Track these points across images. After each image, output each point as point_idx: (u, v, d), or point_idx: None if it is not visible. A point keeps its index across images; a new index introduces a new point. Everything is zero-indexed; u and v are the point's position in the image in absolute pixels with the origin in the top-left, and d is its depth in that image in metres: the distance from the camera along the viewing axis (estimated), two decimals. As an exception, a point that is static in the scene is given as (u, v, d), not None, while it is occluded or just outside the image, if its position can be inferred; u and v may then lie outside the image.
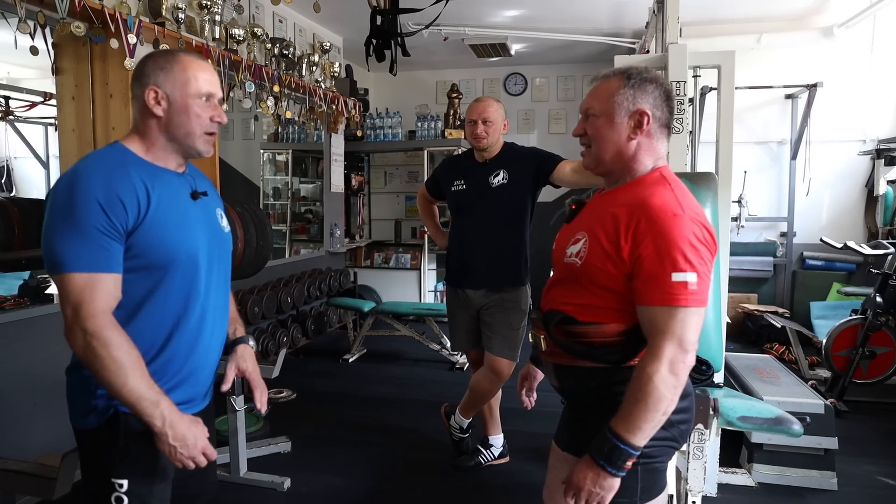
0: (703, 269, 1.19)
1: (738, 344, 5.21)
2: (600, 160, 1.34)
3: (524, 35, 5.60)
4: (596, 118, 1.32)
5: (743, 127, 5.61)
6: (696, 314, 1.17)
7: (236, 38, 3.83)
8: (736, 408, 1.57)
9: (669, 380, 1.16)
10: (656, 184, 1.28)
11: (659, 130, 1.32)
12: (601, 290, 1.28)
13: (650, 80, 1.31)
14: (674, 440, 1.31)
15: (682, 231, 1.18)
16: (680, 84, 2.33)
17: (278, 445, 3.13)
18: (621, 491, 1.26)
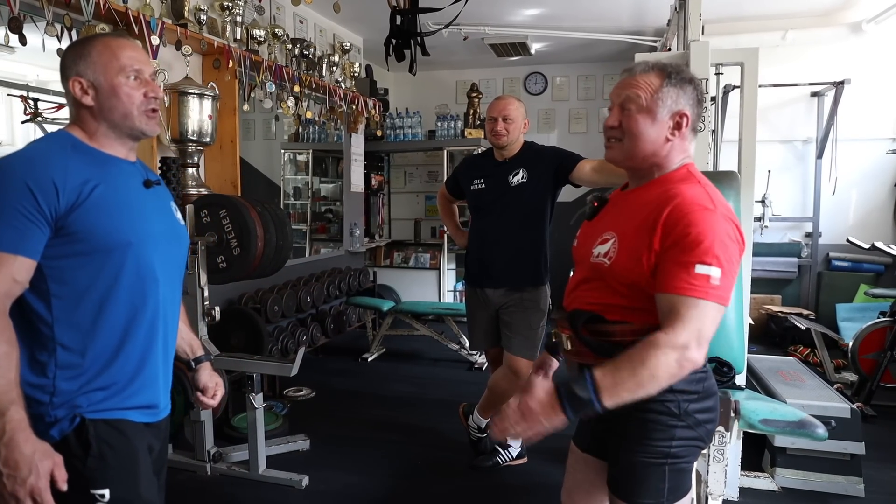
0: (729, 266, 1.16)
1: (761, 346, 5.13)
2: (633, 156, 1.31)
3: (544, 34, 5.57)
4: (636, 112, 1.28)
5: (767, 125, 5.52)
6: (715, 310, 1.15)
7: (257, 39, 3.87)
8: (758, 410, 1.55)
9: (673, 368, 1.13)
10: (685, 180, 1.27)
11: (692, 132, 1.32)
12: (630, 290, 1.26)
13: (689, 81, 1.30)
14: (700, 440, 1.29)
15: (713, 226, 1.16)
16: (702, 82, 2.29)
17: (297, 443, 3.15)
18: (648, 492, 1.25)
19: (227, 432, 3.30)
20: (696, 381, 1.27)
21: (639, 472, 1.27)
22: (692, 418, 1.24)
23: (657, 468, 1.25)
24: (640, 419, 1.27)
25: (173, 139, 3.27)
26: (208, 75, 3.65)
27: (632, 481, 1.29)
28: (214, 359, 2.78)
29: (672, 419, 1.25)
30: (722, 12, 4.98)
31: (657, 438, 1.25)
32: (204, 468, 2.86)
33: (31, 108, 5.39)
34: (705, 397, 1.25)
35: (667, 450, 1.25)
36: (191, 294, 2.80)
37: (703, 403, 1.25)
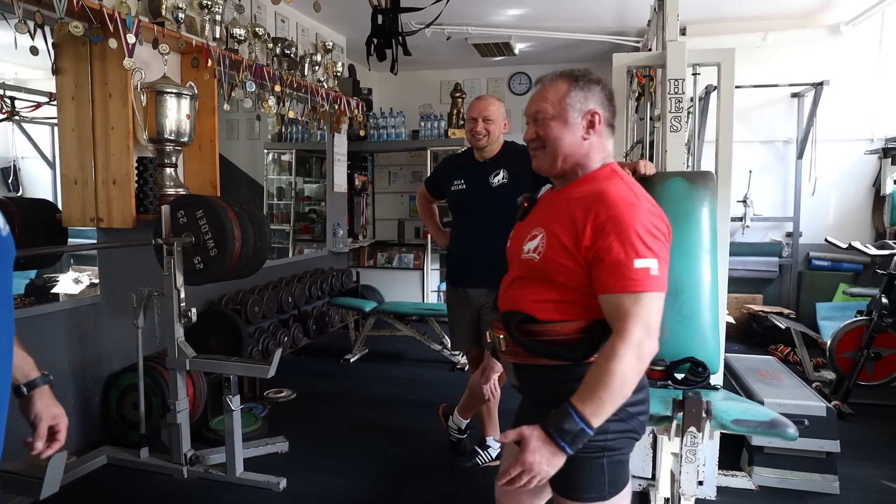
0: (663, 254, 1.22)
1: (742, 345, 5.17)
2: (554, 161, 1.37)
3: (528, 34, 5.58)
4: (549, 121, 1.35)
5: (748, 126, 5.56)
6: (659, 299, 1.20)
7: (237, 38, 3.83)
8: (730, 410, 1.55)
9: (636, 365, 1.17)
10: (609, 178, 1.33)
11: (606, 129, 1.37)
12: (560, 286, 1.29)
13: (595, 81, 1.36)
14: (634, 431, 1.34)
15: (641, 219, 1.21)
16: (679, 82, 2.30)
17: (276, 445, 3.12)
18: (590, 486, 1.30)
19: (206, 435, 3.27)
20: None
21: (579, 468, 1.30)
22: (624, 412, 1.27)
23: (596, 462, 1.29)
24: None
25: (150, 139, 3.23)
26: (187, 74, 3.61)
27: (573, 477, 1.31)
28: (191, 360, 2.76)
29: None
30: (703, 13, 5.02)
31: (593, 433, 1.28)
32: (180, 471, 2.83)
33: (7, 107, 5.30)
34: (636, 391, 1.28)
35: (603, 444, 1.28)
36: (167, 295, 2.77)
37: (634, 397, 1.27)
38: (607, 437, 1.28)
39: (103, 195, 3.13)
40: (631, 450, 1.36)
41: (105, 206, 3.13)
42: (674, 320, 1.98)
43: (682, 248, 2.04)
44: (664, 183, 2.12)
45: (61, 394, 3.08)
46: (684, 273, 2.01)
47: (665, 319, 2.00)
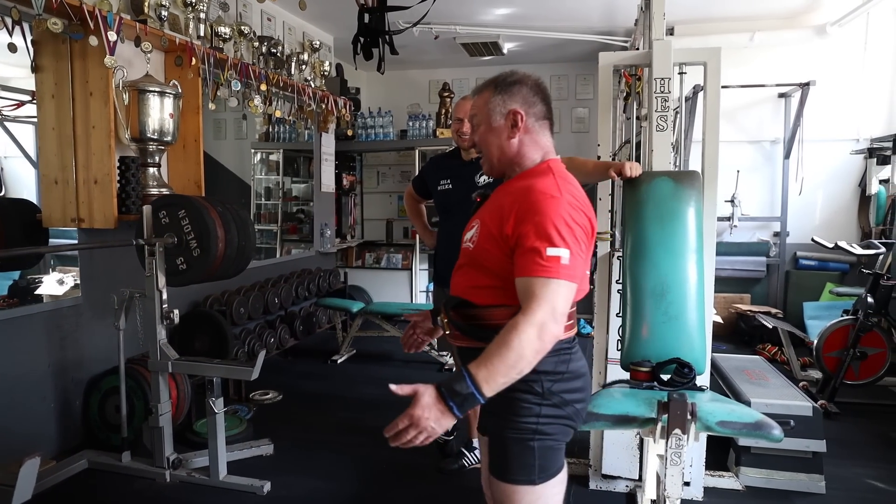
0: (577, 248, 1.27)
1: (730, 345, 5.19)
2: (491, 163, 1.47)
3: (516, 34, 5.56)
4: (479, 127, 1.46)
5: (736, 126, 5.58)
6: (567, 287, 1.25)
7: (222, 37, 3.79)
8: (715, 412, 1.54)
9: (535, 343, 1.20)
10: (542, 173, 1.39)
11: (537, 124, 1.43)
12: (491, 272, 1.35)
13: (516, 81, 1.43)
14: (569, 418, 1.37)
15: (559, 211, 1.26)
16: (665, 81, 2.29)
17: (260, 448, 3.08)
18: (520, 469, 1.33)
19: (190, 437, 3.23)
20: (561, 362, 1.36)
21: (509, 450, 1.34)
22: (558, 397, 1.34)
23: (526, 445, 1.32)
24: (508, 398, 1.33)
25: (133, 138, 3.19)
26: (171, 73, 3.56)
27: (504, 459, 1.35)
28: (173, 362, 2.72)
29: (536, 398, 1.33)
30: (690, 14, 5.02)
31: (524, 416, 1.33)
32: (163, 475, 2.79)
33: (-12, 106, 5.22)
34: (572, 378, 1.36)
35: (534, 426, 1.32)
36: (149, 297, 2.73)
37: (569, 384, 1.35)
38: (539, 421, 1.32)
39: (84, 195, 3.08)
40: (567, 438, 1.39)
41: (86, 206, 3.08)
42: (660, 321, 1.98)
43: (668, 248, 2.03)
44: (650, 183, 2.11)
45: (41, 397, 3.04)
46: (670, 273, 2.01)
47: (651, 320, 2.02)
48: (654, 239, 2.04)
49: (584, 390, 1.41)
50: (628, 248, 2.09)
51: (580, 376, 1.40)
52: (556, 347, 1.31)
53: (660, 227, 2.06)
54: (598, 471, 2.68)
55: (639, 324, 2.00)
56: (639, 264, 2.04)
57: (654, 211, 2.08)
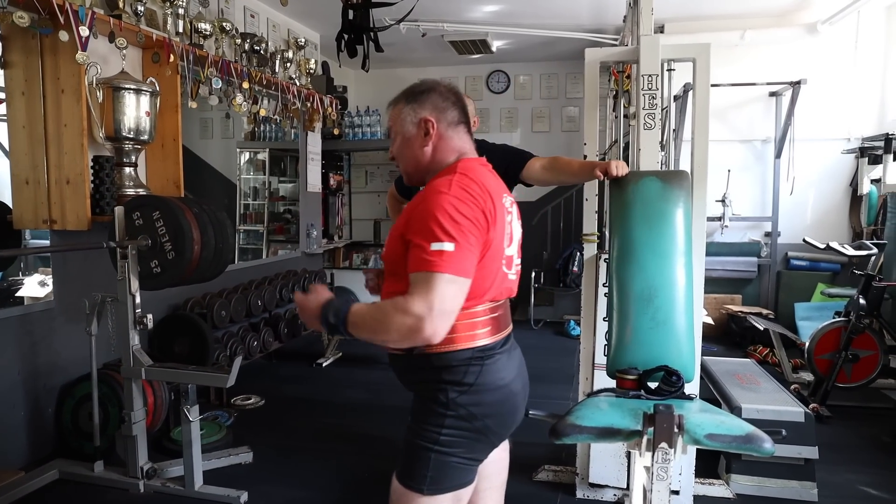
0: (464, 241, 1.23)
1: (721, 346, 5.14)
2: (407, 171, 1.48)
3: (504, 31, 5.49)
4: (395, 139, 1.46)
5: (727, 125, 5.53)
6: (451, 282, 1.21)
7: (203, 33, 3.69)
8: (703, 424, 1.46)
9: (404, 332, 1.20)
10: (447, 172, 1.36)
11: (450, 128, 1.42)
12: (401, 277, 1.32)
13: (425, 90, 1.43)
14: (477, 432, 1.33)
15: (444, 206, 1.24)
16: (652, 78, 2.21)
17: (239, 456, 2.99)
18: (412, 474, 1.33)
19: (167, 445, 3.13)
20: (470, 373, 1.32)
21: (409, 452, 1.35)
22: (464, 410, 1.30)
23: (424, 453, 1.31)
24: (419, 401, 1.37)
25: (108, 137, 3.09)
26: (149, 70, 3.46)
27: (404, 460, 1.36)
28: (147, 369, 2.63)
29: (440, 407, 1.31)
30: (680, 11, 4.97)
31: (428, 423, 1.32)
32: (136, 486, 2.69)
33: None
34: (481, 391, 1.32)
35: (436, 436, 1.31)
36: (121, 301, 2.64)
37: (477, 396, 1.31)
38: (441, 431, 1.31)
39: (56, 195, 2.98)
40: (477, 454, 1.36)
41: (59, 206, 2.98)
42: (647, 326, 1.90)
43: (656, 250, 1.96)
44: (637, 183, 2.04)
45: (10, 405, 2.94)
46: (657, 276, 1.93)
47: (638, 326, 1.95)
48: (642, 241, 1.97)
49: (497, 405, 1.35)
50: (615, 250, 2.02)
51: (494, 389, 1.34)
52: (466, 356, 1.31)
53: (647, 229, 1.98)
54: (585, 479, 2.61)
55: (625, 329, 1.92)
56: (625, 267, 1.97)
57: (641, 212, 2.00)
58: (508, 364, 1.41)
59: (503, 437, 1.44)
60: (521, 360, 1.52)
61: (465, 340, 1.32)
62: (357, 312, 1.28)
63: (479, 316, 1.35)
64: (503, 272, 1.39)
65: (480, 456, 1.37)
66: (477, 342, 1.33)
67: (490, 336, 1.36)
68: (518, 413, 1.44)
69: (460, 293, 1.24)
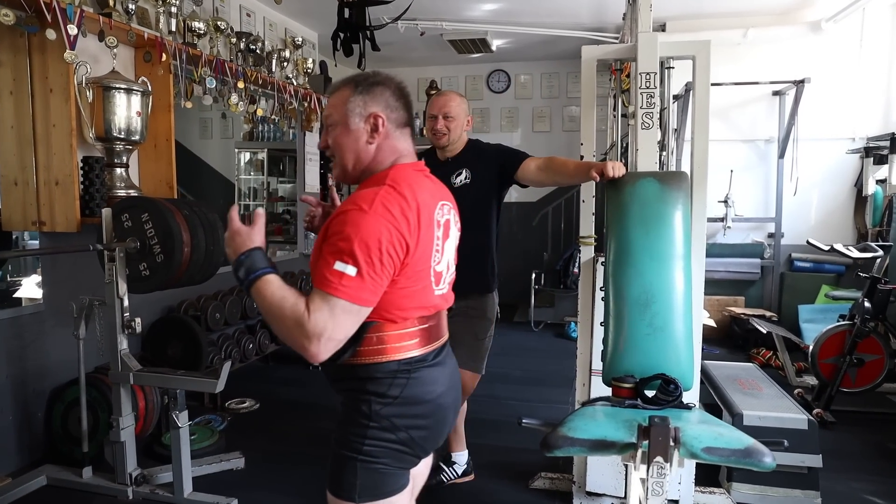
0: (369, 268, 1.18)
1: (724, 349, 5.07)
2: (344, 169, 1.38)
3: (504, 30, 5.43)
4: (334, 128, 1.36)
5: (729, 124, 5.46)
6: (346, 310, 1.18)
7: (196, 32, 3.64)
8: (701, 437, 1.40)
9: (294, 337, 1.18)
10: (377, 182, 1.29)
11: (397, 130, 1.37)
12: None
13: (378, 83, 1.36)
14: (402, 444, 1.31)
15: (360, 227, 1.18)
16: (650, 76, 2.15)
17: (231, 462, 2.94)
18: (342, 485, 1.30)
19: (158, 451, 3.08)
20: (395, 385, 1.30)
21: (336, 464, 1.32)
22: (388, 421, 1.29)
23: (350, 462, 1.29)
24: (343, 412, 1.35)
25: (98, 137, 3.04)
26: (141, 69, 3.40)
27: (332, 471, 1.33)
28: (135, 374, 2.58)
29: (363, 418, 1.29)
30: (682, 10, 4.90)
31: (353, 433, 1.30)
32: (125, 492, 2.64)
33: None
34: (406, 404, 1.30)
35: (359, 446, 1.29)
36: (109, 305, 2.58)
37: (402, 409, 1.29)
38: (364, 442, 1.29)
39: (45, 197, 2.93)
40: (404, 464, 1.34)
41: (48, 208, 2.93)
42: (644, 333, 1.85)
43: (653, 254, 1.90)
44: (635, 184, 1.98)
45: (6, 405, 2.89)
46: (655, 281, 1.87)
47: (635, 332, 1.88)
48: (639, 244, 1.91)
49: (425, 417, 1.33)
50: (611, 253, 1.96)
51: (421, 403, 1.32)
52: (392, 369, 1.29)
53: (644, 232, 1.92)
54: (581, 487, 2.55)
55: (622, 335, 1.87)
56: (622, 271, 1.91)
57: (638, 214, 1.94)
58: (439, 377, 1.37)
59: (430, 450, 1.42)
60: (455, 371, 1.49)
61: (393, 352, 1.30)
62: (265, 287, 1.23)
63: (408, 328, 1.32)
64: (430, 289, 1.34)
65: (407, 465, 1.35)
66: (405, 353, 1.31)
67: (419, 348, 1.33)
68: (447, 426, 1.43)
69: (355, 322, 1.21)
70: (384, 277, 1.21)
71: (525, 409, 3.76)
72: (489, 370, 2.73)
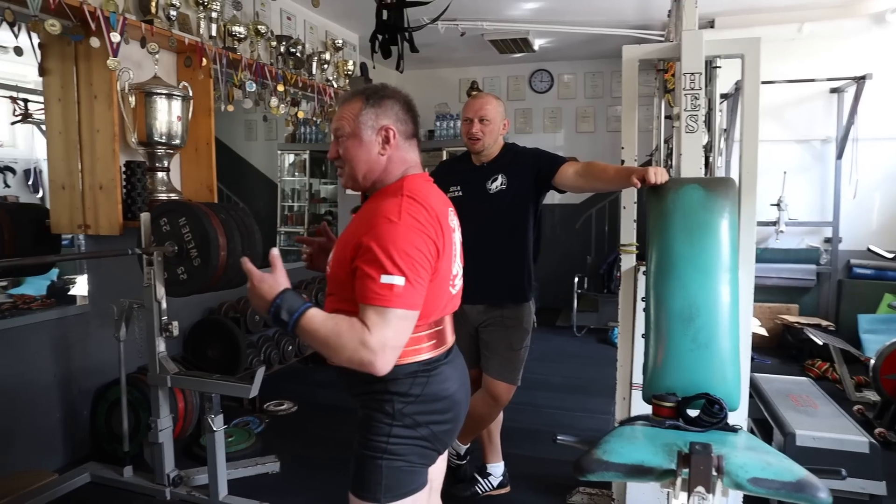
0: (414, 274, 1.24)
1: (776, 359, 4.84)
2: (354, 178, 1.41)
3: (546, 29, 5.32)
4: (346, 140, 1.39)
5: (783, 124, 5.21)
6: (403, 318, 1.23)
7: (236, 36, 3.67)
8: (748, 465, 1.30)
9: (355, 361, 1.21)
10: (393, 193, 1.34)
11: (406, 142, 1.42)
12: (343, 297, 1.32)
13: (388, 97, 1.40)
14: (424, 440, 1.36)
15: (395, 237, 1.24)
16: (695, 76, 2.04)
17: (266, 465, 2.95)
18: (366, 485, 1.33)
19: (196, 452, 3.12)
20: (416, 384, 1.35)
21: (359, 465, 1.35)
22: (410, 419, 1.34)
23: (374, 462, 1.33)
24: (364, 415, 1.38)
25: (140, 142, 3.09)
26: (182, 74, 3.46)
27: (355, 474, 1.37)
28: (172, 377, 2.60)
29: (387, 418, 1.34)
30: (732, 4, 4.71)
31: (375, 434, 1.34)
32: (163, 493, 2.68)
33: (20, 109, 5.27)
34: (427, 401, 1.35)
35: (383, 445, 1.33)
36: (147, 308, 2.62)
37: (423, 406, 1.35)
38: (388, 440, 1.33)
39: (90, 201, 3.00)
40: (426, 461, 1.39)
41: (92, 212, 3.00)
42: (687, 349, 1.74)
43: (698, 266, 1.80)
44: (678, 191, 1.88)
45: (46, 408, 2.97)
46: (699, 294, 1.77)
47: (677, 347, 1.78)
48: (682, 255, 1.81)
49: (446, 412, 1.40)
50: (652, 264, 1.86)
51: (440, 399, 1.38)
52: (412, 370, 1.34)
53: (688, 242, 1.82)
54: (621, 505, 2.45)
55: (663, 351, 1.77)
56: (664, 284, 1.81)
57: (681, 223, 1.84)
58: (452, 374, 1.44)
59: (447, 445, 1.47)
60: (464, 369, 1.56)
61: (411, 355, 1.35)
62: (312, 321, 1.25)
63: (424, 330, 1.37)
64: (448, 292, 1.42)
65: (428, 461, 1.40)
66: (421, 356, 1.37)
67: (434, 350, 1.40)
68: (461, 421, 1.49)
69: (410, 327, 1.27)
70: (427, 280, 1.29)
71: (565, 419, 3.67)
72: (528, 376, 2.66)
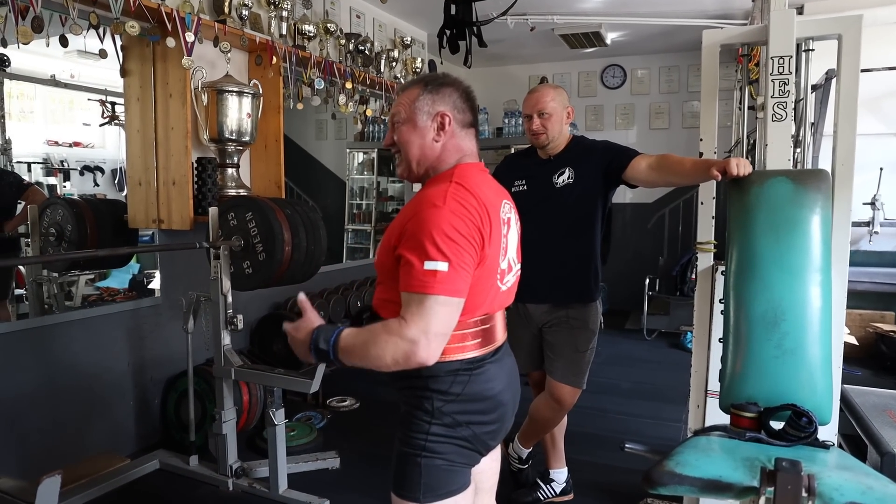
0: (458, 259, 1.20)
1: (868, 370, 4.47)
2: (409, 164, 1.40)
3: (620, 21, 5.13)
4: (401, 125, 1.39)
5: (880, 116, 4.81)
6: (445, 304, 1.19)
7: (306, 35, 3.72)
8: (843, 488, 1.16)
9: (399, 357, 1.18)
10: (442, 180, 1.32)
11: (462, 130, 1.40)
12: (390, 286, 1.30)
13: (447, 84, 1.40)
14: (464, 440, 1.33)
15: (438, 222, 1.21)
16: (784, 60, 1.87)
17: (326, 461, 2.95)
18: (406, 483, 1.31)
19: (259, 445, 3.16)
20: (457, 383, 1.32)
21: (399, 463, 1.34)
22: (450, 418, 1.31)
23: (413, 459, 1.31)
24: (405, 412, 1.36)
25: (211, 139, 3.17)
26: (254, 73, 3.53)
27: (395, 471, 1.35)
28: (236, 370, 2.64)
29: (426, 415, 1.32)
30: (826, -12, 4.38)
31: (414, 431, 1.32)
32: (226, 483, 2.72)
33: (108, 112, 5.56)
34: (468, 400, 1.32)
35: (422, 443, 1.31)
36: (214, 301, 2.67)
37: (463, 405, 1.32)
38: (427, 438, 1.31)
39: (164, 196, 3.10)
40: (468, 461, 1.35)
41: (165, 207, 3.10)
42: (771, 355, 1.60)
43: (784, 266, 1.64)
44: (763, 184, 1.73)
45: (121, 395, 3.09)
46: (786, 296, 1.62)
47: (760, 353, 1.63)
48: (767, 254, 1.66)
49: (488, 413, 1.36)
50: (733, 263, 1.72)
51: (483, 399, 1.34)
52: (454, 367, 1.31)
53: (774, 240, 1.66)
54: (694, 521, 2.29)
55: (743, 357, 1.63)
56: (746, 284, 1.67)
57: (767, 219, 1.69)
58: (498, 374, 1.39)
59: (492, 447, 1.43)
60: (513, 368, 1.50)
61: (454, 352, 1.31)
62: (348, 338, 1.25)
63: (469, 328, 1.33)
64: (497, 287, 1.37)
65: (470, 462, 1.36)
66: (466, 354, 1.33)
67: (479, 349, 1.35)
68: (507, 422, 1.44)
69: (454, 314, 1.22)
70: (472, 266, 1.25)
71: (632, 426, 3.51)
72: (595, 380, 2.55)
